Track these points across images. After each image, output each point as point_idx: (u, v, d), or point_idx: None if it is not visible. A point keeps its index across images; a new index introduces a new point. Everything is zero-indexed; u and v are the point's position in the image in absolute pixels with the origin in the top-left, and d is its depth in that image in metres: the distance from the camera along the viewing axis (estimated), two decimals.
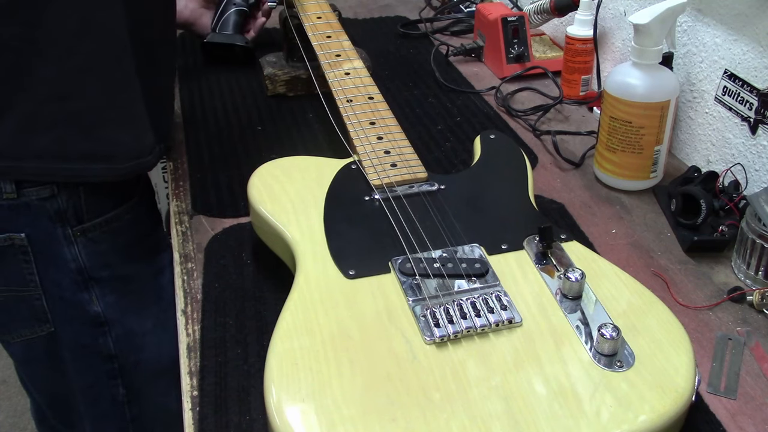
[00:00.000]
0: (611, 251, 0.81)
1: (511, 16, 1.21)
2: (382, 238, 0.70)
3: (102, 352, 0.89)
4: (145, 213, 0.91)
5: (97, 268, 0.85)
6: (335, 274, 0.66)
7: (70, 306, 0.86)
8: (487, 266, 0.67)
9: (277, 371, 0.56)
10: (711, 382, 0.65)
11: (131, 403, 0.93)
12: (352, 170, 0.80)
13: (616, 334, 0.58)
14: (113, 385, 0.91)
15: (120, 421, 0.94)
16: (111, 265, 0.86)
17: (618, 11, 1.10)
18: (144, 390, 0.93)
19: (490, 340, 0.60)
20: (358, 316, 0.61)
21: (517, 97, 1.16)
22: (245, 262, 0.79)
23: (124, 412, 0.93)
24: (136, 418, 0.94)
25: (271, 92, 1.14)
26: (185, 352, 0.69)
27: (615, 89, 0.88)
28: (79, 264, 0.84)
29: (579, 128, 1.06)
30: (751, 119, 0.86)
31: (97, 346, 0.89)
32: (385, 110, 0.88)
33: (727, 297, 0.74)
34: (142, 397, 0.94)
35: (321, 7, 1.09)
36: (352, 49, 1.00)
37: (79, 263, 0.84)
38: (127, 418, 0.94)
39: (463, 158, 0.97)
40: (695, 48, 0.94)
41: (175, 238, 0.85)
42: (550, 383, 0.56)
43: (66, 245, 0.82)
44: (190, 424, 0.62)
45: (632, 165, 0.90)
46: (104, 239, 0.84)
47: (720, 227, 0.80)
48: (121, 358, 0.90)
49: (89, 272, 0.85)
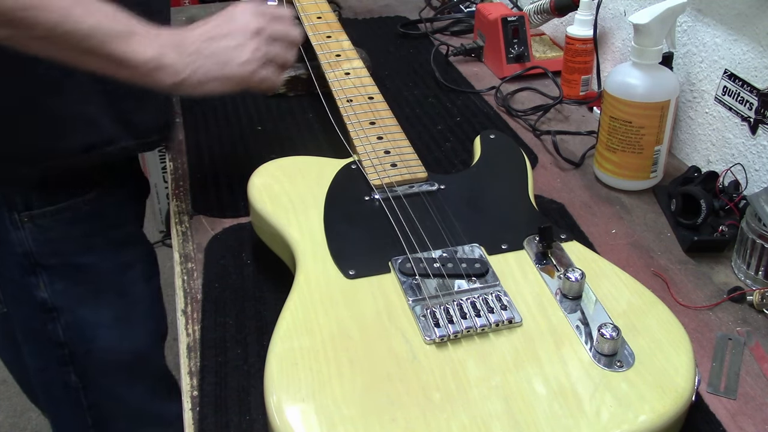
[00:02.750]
0: (611, 251, 0.81)
1: (511, 16, 1.21)
2: (382, 238, 0.70)
3: (51, 338, 0.89)
4: (114, 206, 0.89)
5: (45, 255, 0.85)
6: (335, 274, 0.66)
7: (18, 288, 0.87)
8: (487, 266, 0.67)
9: (277, 371, 0.56)
10: (711, 382, 0.65)
11: (87, 391, 0.93)
12: (352, 170, 0.80)
13: (616, 334, 0.58)
14: (65, 372, 0.91)
15: (75, 408, 0.93)
16: (63, 253, 0.86)
17: (618, 11, 1.10)
18: (101, 381, 0.93)
19: (490, 340, 0.60)
20: (358, 316, 0.61)
21: (517, 97, 1.16)
22: (245, 262, 0.79)
23: (79, 399, 0.93)
24: (93, 407, 0.94)
25: (271, 92, 1.14)
26: (185, 352, 0.69)
27: (615, 89, 0.88)
28: (25, 248, 0.84)
29: (579, 128, 1.06)
30: (751, 119, 0.86)
31: (46, 332, 0.88)
32: (384, 110, 0.88)
33: (727, 297, 0.74)
34: (100, 388, 0.93)
35: (320, 7, 1.09)
36: (352, 49, 1.00)
37: (26, 248, 0.84)
38: (83, 406, 0.93)
39: (463, 158, 0.97)
40: (695, 48, 0.94)
41: (175, 238, 0.85)
42: (550, 383, 0.56)
43: (13, 230, 0.83)
44: (190, 424, 0.62)
45: (632, 165, 0.90)
46: (55, 227, 0.84)
47: (720, 227, 0.80)
48: (71, 345, 0.89)
49: (36, 258, 0.85)
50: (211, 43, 0.74)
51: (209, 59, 0.73)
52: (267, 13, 0.79)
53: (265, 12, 0.79)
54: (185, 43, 0.73)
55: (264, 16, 0.78)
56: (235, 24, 0.76)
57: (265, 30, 0.77)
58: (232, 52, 0.75)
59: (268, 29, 0.77)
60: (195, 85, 0.73)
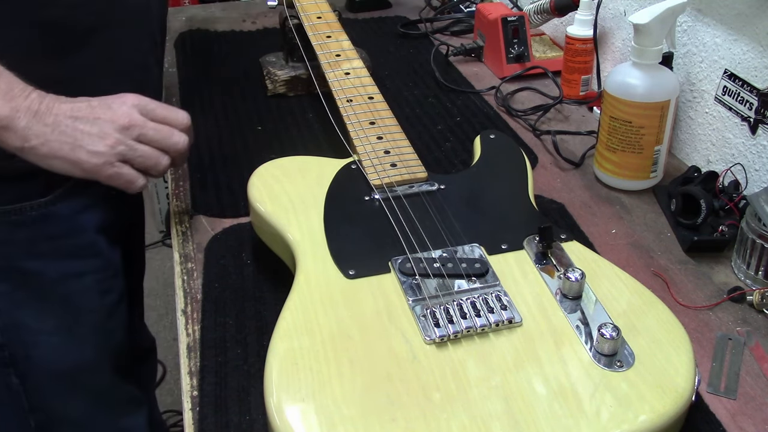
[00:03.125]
0: (611, 251, 0.81)
1: (511, 16, 1.21)
2: (382, 238, 0.70)
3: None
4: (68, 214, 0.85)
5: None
6: (335, 274, 0.66)
7: None
8: (487, 266, 0.67)
9: (277, 371, 0.56)
10: (711, 382, 0.65)
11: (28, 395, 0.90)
12: (352, 170, 0.80)
13: (616, 334, 0.58)
14: (6, 373, 0.89)
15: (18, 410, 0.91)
16: (6, 255, 0.83)
17: (618, 11, 1.10)
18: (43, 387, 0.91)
19: (490, 340, 0.60)
20: (358, 316, 0.61)
21: (517, 97, 1.16)
22: (245, 262, 0.79)
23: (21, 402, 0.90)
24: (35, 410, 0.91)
25: (271, 92, 1.14)
26: (185, 352, 0.69)
27: (615, 89, 0.88)
28: None
29: (579, 128, 1.06)
30: (751, 119, 0.86)
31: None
32: (384, 110, 0.88)
33: (727, 297, 0.74)
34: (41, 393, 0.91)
35: (320, 7, 1.09)
36: (352, 49, 1.00)
37: None
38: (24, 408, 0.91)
39: (463, 158, 0.97)
40: (695, 48, 0.94)
41: (175, 238, 0.85)
42: (550, 383, 0.56)
43: None
44: (190, 424, 0.62)
45: (632, 165, 0.90)
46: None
47: (720, 227, 0.80)
48: (10, 347, 0.87)
49: None
50: (72, 122, 0.72)
51: (62, 136, 0.71)
52: (151, 111, 0.76)
53: (149, 110, 0.76)
54: (46, 113, 0.70)
55: (147, 113, 0.75)
56: (108, 112, 0.73)
57: (136, 128, 0.74)
58: (87, 138, 0.72)
59: (142, 129, 0.74)
60: (40, 157, 0.71)
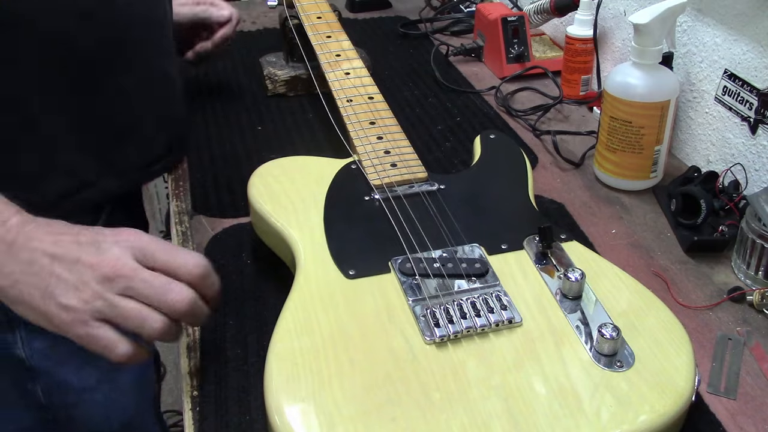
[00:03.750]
0: (611, 251, 0.81)
1: (511, 16, 1.21)
2: (382, 238, 0.70)
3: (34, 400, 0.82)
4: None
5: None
6: (335, 274, 0.66)
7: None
8: (487, 266, 0.67)
9: (276, 371, 0.56)
10: (711, 382, 0.65)
11: None
12: (352, 170, 0.80)
13: (616, 334, 0.58)
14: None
15: None
16: None
17: (618, 11, 1.10)
18: None
19: (490, 340, 0.60)
20: (358, 316, 0.61)
21: (517, 97, 1.16)
22: (245, 262, 0.79)
23: None
24: None
25: (271, 92, 1.14)
26: (185, 352, 0.69)
27: (615, 89, 0.88)
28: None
29: (579, 128, 1.06)
30: (751, 119, 0.86)
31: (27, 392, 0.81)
32: (384, 110, 0.88)
33: (727, 297, 0.74)
34: None
35: (320, 7, 1.09)
36: (352, 49, 1.00)
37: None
38: None
39: (463, 158, 0.97)
40: (695, 48, 0.94)
41: (175, 238, 0.85)
42: (550, 383, 0.56)
43: None
44: (190, 424, 0.62)
45: (632, 165, 0.90)
46: None
47: (720, 227, 0.80)
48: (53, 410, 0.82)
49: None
50: (49, 262, 0.57)
51: (34, 278, 0.56)
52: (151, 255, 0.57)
53: (147, 252, 0.57)
54: (22, 246, 0.57)
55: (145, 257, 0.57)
56: (92, 255, 0.57)
57: (122, 279, 0.56)
58: (62, 287, 0.56)
59: (130, 281, 0.56)
60: (8, 300, 0.58)
